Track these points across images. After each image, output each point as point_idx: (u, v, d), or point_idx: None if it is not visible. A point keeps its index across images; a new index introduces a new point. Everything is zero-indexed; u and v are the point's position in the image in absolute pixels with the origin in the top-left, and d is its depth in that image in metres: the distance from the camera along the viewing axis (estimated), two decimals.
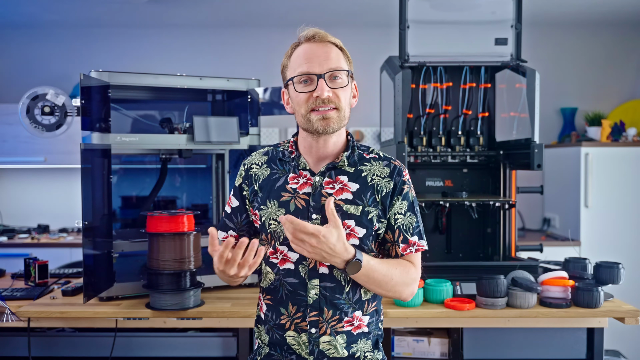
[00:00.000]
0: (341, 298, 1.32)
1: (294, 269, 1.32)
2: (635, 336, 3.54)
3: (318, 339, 1.32)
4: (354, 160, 1.36)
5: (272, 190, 1.35)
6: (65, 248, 3.78)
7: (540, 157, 2.09)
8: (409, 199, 1.36)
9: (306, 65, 1.29)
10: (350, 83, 1.34)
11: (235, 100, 2.51)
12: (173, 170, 2.84)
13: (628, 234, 3.64)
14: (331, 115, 1.28)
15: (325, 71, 1.28)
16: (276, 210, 1.33)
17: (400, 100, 2.12)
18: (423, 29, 2.29)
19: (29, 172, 4.37)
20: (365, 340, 1.36)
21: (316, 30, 1.31)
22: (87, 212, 1.87)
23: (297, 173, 1.35)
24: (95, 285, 1.94)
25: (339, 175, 1.34)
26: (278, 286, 1.36)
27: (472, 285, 2.01)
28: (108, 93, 2.04)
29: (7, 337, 2.07)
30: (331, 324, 1.32)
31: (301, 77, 1.29)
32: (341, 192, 1.32)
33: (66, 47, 4.44)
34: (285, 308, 1.34)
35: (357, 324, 1.34)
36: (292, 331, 1.34)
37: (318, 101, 1.27)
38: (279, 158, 1.39)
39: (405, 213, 1.35)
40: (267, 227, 1.35)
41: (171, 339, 2.07)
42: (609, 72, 4.38)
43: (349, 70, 1.32)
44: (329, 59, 1.29)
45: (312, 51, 1.29)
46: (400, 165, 1.38)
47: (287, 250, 1.33)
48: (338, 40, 1.34)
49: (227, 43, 4.46)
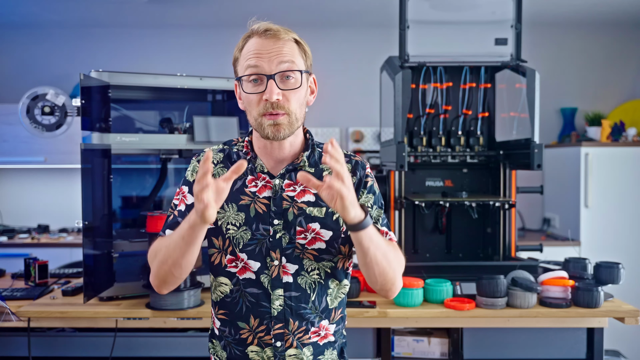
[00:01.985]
0: (307, 307, 1.24)
1: (255, 279, 1.23)
2: (635, 336, 3.54)
3: (284, 352, 1.24)
4: (315, 159, 1.28)
5: (230, 192, 1.17)
6: (65, 248, 3.78)
7: (540, 157, 2.09)
8: (374, 191, 1.29)
9: (255, 61, 1.19)
10: (305, 82, 1.23)
11: (235, 100, 2.51)
12: (173, 170, 2.84)
13: (628, 234, 3.64)
14: (281, 122, 1.19)
15: (275, 71, 1.18)
16: (235, 215, 1.24)
17: (400, 100, 2.12)
18: (423, 29, 2.29)
19: (29, 172, 4.37)
20: (331, 350, 1.30)
21: (269, 26, 1.21)
22: (87, 212, 1.87)
23: (255, 175, 1.26)
24: (95, 285, 1.94)
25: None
26: (237, 298, 1.25)
27: (472, 285, 2.01)
28: (108, 93, 2.04)
29: (7, 337, 2.07)
30: (297, 335, 1.24)
31: (250, 76, 1.20)
32: (303, 195, 1.24)
33: (66, 47, 4.44)
34: (246, 322, 1.25)
35: (324, 334, 1.28)
36: (255, 346, 1.24)
37: (267, 105, 1.18)
38: (235, 159, 1.29)
39: (372, 206, 1.27)
40: (225, 232, 1.24)
41: (171, 339, 2.07)
42: (609, 72, 4.38)
43: (302, 71, 1.21)
44: (280, 55, 1.18)
45: (262, 47, 1.19)
46: (362, 160, 1.32)
47: (247, 258, 1.23)
48: (294, 34, 1.23)
49: (227, 43, 4.41)
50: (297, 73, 1.21)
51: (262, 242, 1.23)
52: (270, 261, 1.23)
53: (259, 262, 1.23)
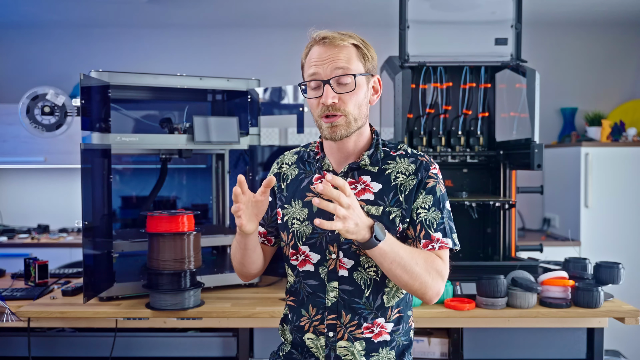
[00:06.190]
0: (360, 302, 1.29)
1: (314, 271, 1.32)
2: (635, 336, 3.54)
3: (335, 343, 1.30)
4: (377, 159, 1.33)
5: (297, 190, 1.36)
6: (65, 248, 3.78)
7: (540, 157, 2.09)
8: (435, 194, 1.30)
9: (314, 68, 1.27)
10: (364, 84, 1.29)
11: (235, 100, 2.51)
12: (173, 170, 2.84)
13: (628, 234, 3.64)
14: (338, 123, 1.26)
15: (330, 76, 1.25)
16: (300, 210, 1.34)
17: (400, 100, 2.12)
18: (423, 29, 2.29)
19: (29, 172, 4.37)
20: (387, 350, 1.32)
21: (326, 34, 1.27)
22: (87, 212, 1.87)
23: (321, 173, 1.35)
24: (95, 285, 1.94)
25: (362, 175, 1.32)
26: (298, 288, 1.36)
27: (472, 285, 2.01)
28: (108, 93, 2.03)
29: (7, 337, 2.07)
30: (349, 329, 1.30)
31: (310, 82, 1.29)
32: (363, 193, 1.30)
33: (66, 47, 4.44)
34: (305, 310, 1.34)
35: (378, 331, 1.31)
36: (311, 333, 1.33)
37: (324, 108, 1.26)
38: (306, 159, 1.40)
39: (429, 208, 1.28)
40: (290, 227, 1.35)
41: (171, 339, 2.07)
42: (609, 72, 4.38)
43: (355, 74, 1.26)
44: (336, 61, 1.25)
45: (320, 54, 1.27)
46: (428, 161, 1.33)
47: (309, 250, 1.32)
48: (354, 39, 1.28)
49: (227, 43, 4.46)
50: (352, 77, 1.26)
51: (322, 235, 1.31)
52: (328, 254, 1.30)
53: (319, 255, 1.31)
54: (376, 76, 1.34)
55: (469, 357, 2.02)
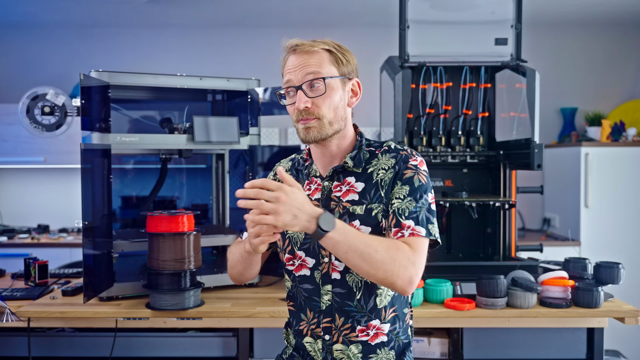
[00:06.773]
0: (352, 305, 1.30)
1: (310, 275, 1.33)
2: (635, 336, 3.54)
3: (331, 346, 1.32)
4: (361, 159, 1.33)
5: None
6: (65, 248, 3.78)
7: (540, 157, 2.09)
8: (412, 184, 1.27)
9: (288, 76, 1.30)
10: (338, 87, 1.30)
11: (235, 100, 2.51)
12: (173, 170, 2.84)
13: (628, 234, 3.64)
14: (311, 125, 1.28)
15: (302, 82, 1.27)
16: None
17: (400, 100, 2.12)
18: (423, 29, 2.29)
19: (29, 172, 4.37)
20: (387, 350, 1.32)
21: (297, 41, 1.29)
22: (87, 212, 1.87)
23: (310, 180, 1.38)
24: (95, 285, 1.94)
25: (347, 177, 1.33)
26: (295, 293, 1.38)
27: (472, 285, 2.01)
28: (108, 93, 2.04)
29: (7, 337, 2.07)
30: (343, 332, 1.31)
31: (286, 89, 1.32)
32: (348, 194, 1.31)
33: (66, 47, 4.44)
34: (304, 314, 1.36)
35: (375, 334, 1.31)
36: (309, 337, 1.35)
37: (298, 113, 1.29)
38: (296, 167, 1.43)
39: (404, 198, 1.25)
40: (286, 232, 1.37)
41: (171, 339, 2.07)
42: (609, 72, 4.38)
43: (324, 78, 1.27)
44: (307, 67, 1.27)
45: (293, 62, 1.29)
46: (408, 154, 1.31)
47: (305, 255, 1.33)
48: (327, 44, 1.30)
49: (227, 43, 4.46)
50: (322, 80, 1.28)
51: (313, 240, 1.32)
52: (321, 258, 1.32)
53: (314, 259, 1.33)
54: (354, 79, 1.35)
55: (469, 357, 2.02)
